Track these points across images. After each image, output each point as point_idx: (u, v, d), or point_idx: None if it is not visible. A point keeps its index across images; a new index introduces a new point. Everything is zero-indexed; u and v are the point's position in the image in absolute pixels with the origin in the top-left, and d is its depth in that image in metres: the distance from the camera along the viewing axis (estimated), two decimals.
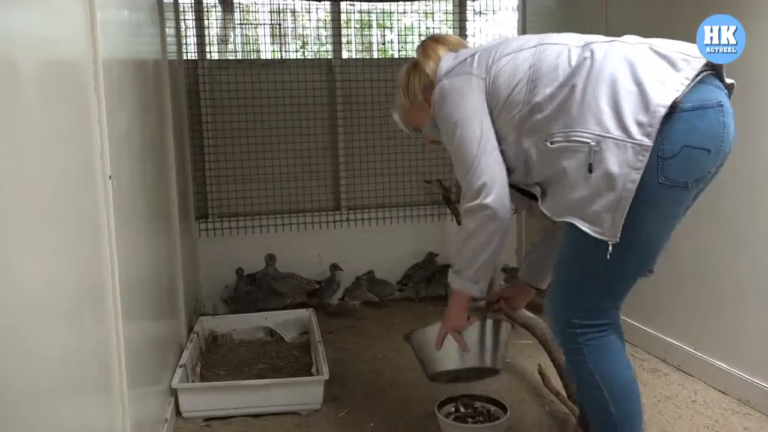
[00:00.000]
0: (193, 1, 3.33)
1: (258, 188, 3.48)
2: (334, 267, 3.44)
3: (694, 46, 1.51)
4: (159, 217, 2.29)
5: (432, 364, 1.90)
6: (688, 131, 1.43)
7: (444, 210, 3.68)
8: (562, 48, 1.59)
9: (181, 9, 3.26)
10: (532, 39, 1.68)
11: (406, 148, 3.58)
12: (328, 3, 3.58)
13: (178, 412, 2.29)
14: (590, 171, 1.46)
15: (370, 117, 3.56)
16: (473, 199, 1.62)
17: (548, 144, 1.54)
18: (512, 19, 3.99)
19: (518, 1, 3.91)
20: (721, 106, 1.46)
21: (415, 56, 1.88)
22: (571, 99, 1.50)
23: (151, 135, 2.18)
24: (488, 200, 1.60)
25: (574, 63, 1.54)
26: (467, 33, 3.86)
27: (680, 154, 1.43)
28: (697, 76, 1.45)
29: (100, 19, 1.43)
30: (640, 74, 1.46)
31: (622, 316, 2.98)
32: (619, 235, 1.45)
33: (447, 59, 1.75)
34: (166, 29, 2.63)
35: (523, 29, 3.87)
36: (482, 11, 4.07)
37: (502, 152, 1.64)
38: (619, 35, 2.59)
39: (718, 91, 1.48)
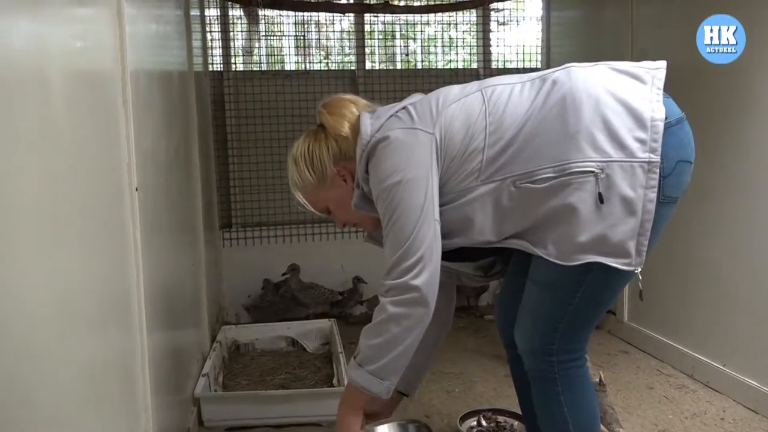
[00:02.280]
0: (219, 14, 3.38)
1: (282, 198, 3.49)
2: (358, 279, 3.44)
3: (645, 62, 1.45)
4: (184, 227, 2.31)
5: None
6: (679, 146, 1.38)
7: None
8: (512, 86, 1.45)
9: (208, 21, 3.30)
10: (469, 86, 1.51)
11: None
12: (352, 14, 3.61)
13: (200, 422, 2.29)
14: (601, 201, 1.33)
15: None
16: (400, 276, 1.38)
17: (530, 185, 1.37)
18: (536, 29, 3.98)
19: (542, 11, 3.90)
20: (685, 116, 1.43)
21: (319, 121, 1.63)
22: (550, 131, 1.37)
23: (177, 146, 2.20)
24: (418, 281, 1.37)
25: (536, 96, 1.41)
26: (491, 43, 3.85)
27: (675, 170, 1.38)
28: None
29: (128, 32, 1.46)
30: (617, 91, 1.37)
31: (649, 331, 2.97)
32: (644, 259, 1.36)
33: (365, 118, 1.50)
34: (193, 41, 2.67)
35: (547, 39, 3.85)
36: (506, 21, 4.07)
37: (461, 212, 1.44)
38: (647, 46, 2.59)
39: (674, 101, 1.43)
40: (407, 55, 3.90)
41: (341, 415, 1.55)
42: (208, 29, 3.31)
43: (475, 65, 3.85)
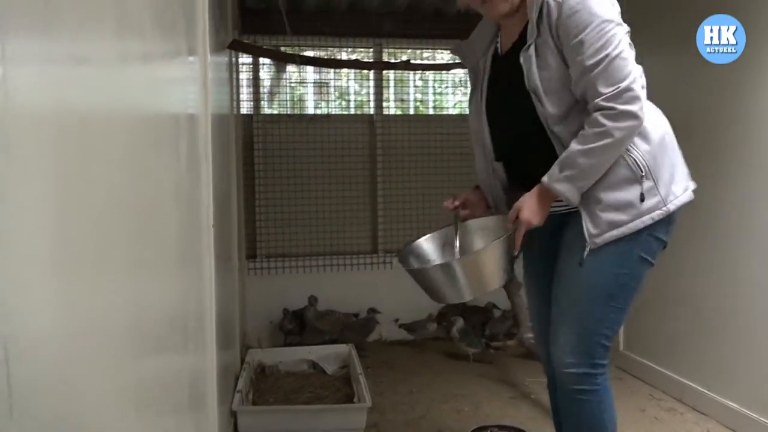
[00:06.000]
0: (251, 61, 3.69)
1: (302, 231, 3.78)
2: (372, 311, 3.70)
3: None
4: (226, 258, 2.58)
5: (476, 285, 1.68)
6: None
7: None
8: None
9: (240, 69, 3.61)
10: None
11: (440, 197, 3.86)
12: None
13: None
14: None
15: (407, 168, 3.88)
16: (629, 103, 1.48)
17: None
18: None
19: None
20: None
21: None
22: None
23: (228, 184, 2.48)
24: (643, 114, 1.50)
25: None
26: None
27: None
28: None
29: (210, 78, 1.70)
30: None
31: (642, 359, 3.23)
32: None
33: None
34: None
35: None
36: None
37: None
38: (655, 93, 2.79)
39: None
40: (420, 102, 4.20)
41: (540, 207, 1.60)
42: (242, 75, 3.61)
43: None
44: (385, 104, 3.96)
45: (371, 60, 3.89)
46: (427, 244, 1.89)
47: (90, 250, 0.74)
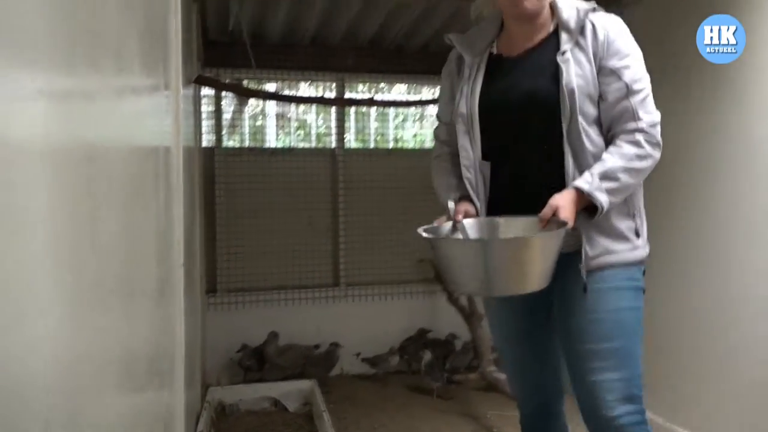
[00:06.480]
0: (214, 94, 3.66)
1: (264, 266, 3.72)
2: (335, 345, 3.65)
3: None
4: (190, 294, 2.51)
5: (514, 279, 1.41)
6: None
7: (435, 287, 3.93)
8: None
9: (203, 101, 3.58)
10: None
11: (402, 231, 3.88)
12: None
13: None
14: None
15: (368, 201, 3.88)
16: (659, 136, 1.57)
17: None
18: None
19: None
20: None
21: None
22: None
23: (192, 220, 2.43)
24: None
25: None
26: None
27: None
28: None
29: (181, 110, 1.68)
30: None
31: None
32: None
33: None
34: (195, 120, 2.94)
35: None
36: None
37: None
38: None
39: None
40: (382, 135, 4.23)
41: (575, 212, 1.54)
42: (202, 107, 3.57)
43: None
44: (345, 137, 3.98)
45: (334, 94, 3.91)
46: (445, 228, 1.58)
47: (94, 289, 0.72)
